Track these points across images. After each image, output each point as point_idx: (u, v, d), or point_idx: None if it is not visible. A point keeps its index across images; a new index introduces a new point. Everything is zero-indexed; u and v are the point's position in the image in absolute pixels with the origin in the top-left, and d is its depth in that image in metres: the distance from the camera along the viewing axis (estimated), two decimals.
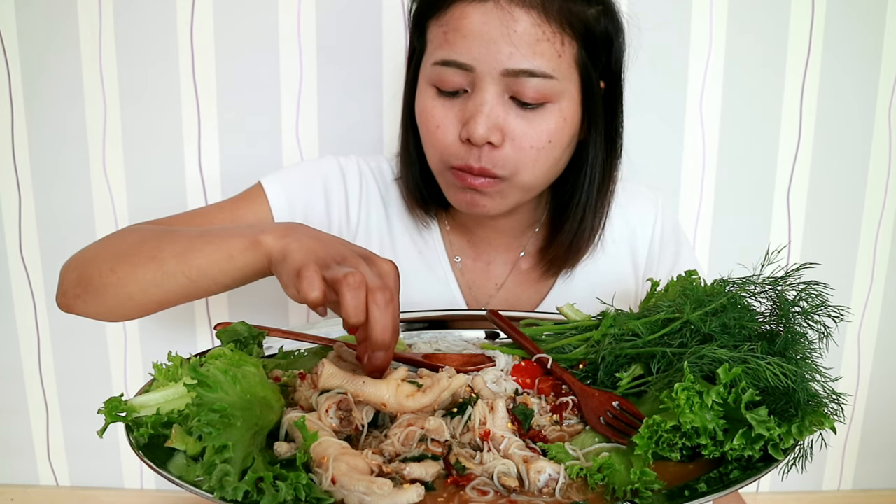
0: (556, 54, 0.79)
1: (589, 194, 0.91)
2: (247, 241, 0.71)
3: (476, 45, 0.78)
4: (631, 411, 0.66)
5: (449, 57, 0.80)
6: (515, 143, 0.82)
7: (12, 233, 1.42)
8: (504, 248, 1.01)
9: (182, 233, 0.78)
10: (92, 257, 0.82)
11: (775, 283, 0.71)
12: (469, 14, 0.78)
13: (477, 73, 0.79)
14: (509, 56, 0.78)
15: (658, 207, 1.04)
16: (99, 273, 0.78)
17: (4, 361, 1.49)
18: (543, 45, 0.78)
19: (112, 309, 0.80)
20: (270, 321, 0.92)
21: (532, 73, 0.79)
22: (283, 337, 0.82)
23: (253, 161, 1.37)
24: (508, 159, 0.82)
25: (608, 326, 0.76)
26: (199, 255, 0.74)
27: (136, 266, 0.77)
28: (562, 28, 0.79)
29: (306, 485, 0.51)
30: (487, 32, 0.78)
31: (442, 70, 0.81)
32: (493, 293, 1.01)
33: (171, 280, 0.76)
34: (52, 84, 1.34)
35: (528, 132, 0.81)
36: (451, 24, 0.80)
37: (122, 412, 0.61)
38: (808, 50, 1.34)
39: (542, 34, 0.78)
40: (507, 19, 0.77)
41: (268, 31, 1.31)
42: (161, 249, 0.77)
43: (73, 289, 0.81)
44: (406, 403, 0.62)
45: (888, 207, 1.42)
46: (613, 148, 0.92)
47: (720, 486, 0.55)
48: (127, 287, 0.77)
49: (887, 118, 1.38)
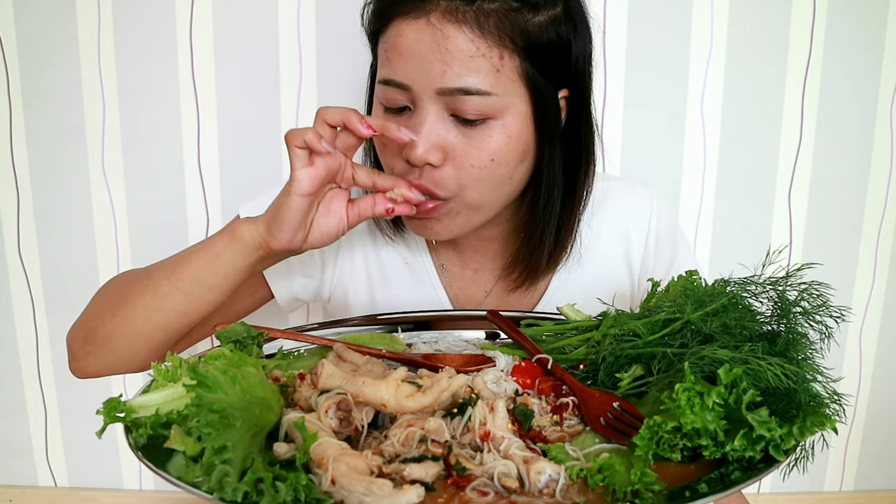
0: (494, 69, 0.75)
1: (549, 208, 0.86)
2: (226, 235, 0.78)
3: (410, 64, 0.76)
4: (631, 412, 0.66)
5: (388, 76, 0.78)
6: (456, 161, 0.78)
7: (11, 233, 1.42)
8: (491, 255, 0.99)
9: (167, 259, 0.83)
10: (91, 314, 0.85)
11: (776, 283, 0.71)
12: (404, 32, 0.76)
13: (414, 92, 0.77)
14: (442, 74, 0.75)
15: (653, 205, 1.00)
16: (102, 322, 0.82)
17: (3, 362, 1.49)
18: (478, 62, 0.74)
19: (124, 354, 0.82)
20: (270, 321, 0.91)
21: (467, 90, 0.75)
22: (282, 337, 0.82)
23: (252, 161, 1.37)
24: (449, 179, 0.79)
25: (608, 327, 0.75)
26: (187, 266, 0.78)
27: (132, 301, 0.80)
28: (500, 42, 0.74)
29: (306, 485, 0.51)
30: (420, 51, 0.75)
31: (384, 89, 0.79)
32: (481, 301, 1.00)
33: (168, 300, 0.79)
34: (50, 84, 1.34)
35: (468, 151, 0.78)
36: (389, 42, 0.78)
37: (121, 413, 0.61)
38: (809, 50, 1.34)
39: (477, 50, 0.74)
40: (438, 37, 0.74)
41: (267, 31, 1.31)
42: (151, 278, 0.81)
43: (82, 349, 0.84)
44: (406, 404, 0.62)
45: (889, 207, 1.42)
46: (578, 158, 0.86)
47: (721, 486, 0.54)
48: (131, 324, 0.80)
49: (888, 118, 1.38)
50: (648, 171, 1.38)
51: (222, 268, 0.78)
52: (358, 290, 1.00)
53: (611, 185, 1.02)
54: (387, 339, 0.86)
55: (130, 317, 0.80)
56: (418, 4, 0.75)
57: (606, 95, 1.35)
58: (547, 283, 0.99)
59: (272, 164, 1.36)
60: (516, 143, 0.79)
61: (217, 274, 0.78)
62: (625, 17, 1.32)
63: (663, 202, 1.02)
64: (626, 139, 1.38)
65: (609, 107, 1.36)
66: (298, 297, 1.02)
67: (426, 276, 1.00)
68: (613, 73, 1.34)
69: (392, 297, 0.99)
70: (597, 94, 1.34)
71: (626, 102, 1.36)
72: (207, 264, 0.78)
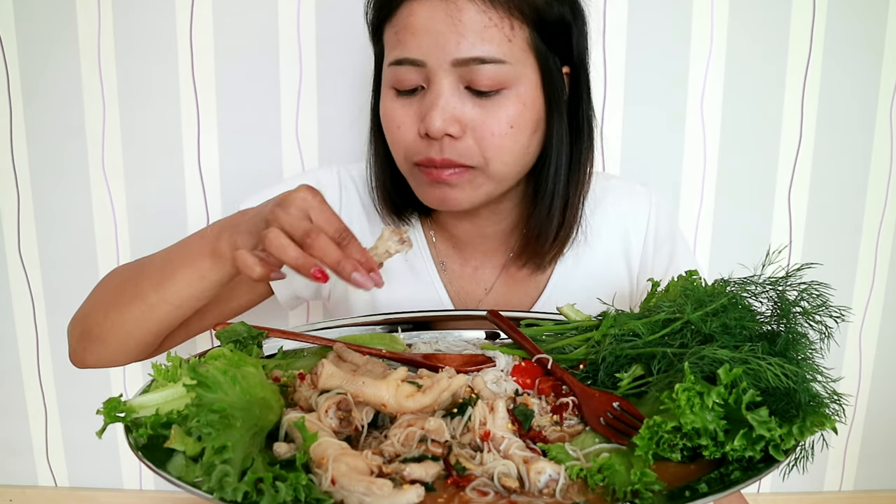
0: (506, 38, 0.79)
1: (556, 182, 0.89)
2: (209, 258, 0.75)
3: (425, 39, 0.79)
4: (631, 412, 0.66)
5: (401, 55, 0.81)
6: (476, 132, 0.81)
7: (11, 233, 1.42)
8: (491, 252, 1.00)
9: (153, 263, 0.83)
10: (87, 311, 0.87)
11: (776, 283, 0.71)
12: (416, 11, 0.79)
13: (429, 68, 0.80)
14: (457, 45, 0.78)
15: (651, 204, 1.02)
16: (95, 322, 0.84)
17: (3, 362, 1.49)
18: (491, 31, 0.78)
19: (118, 351, 0.85)
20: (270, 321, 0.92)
21: (482, 59, 0.78)
22: (282, 337, 0.82)
23: (252, 161, 1.37)
24: (472, 150, 0.82)
25: (608, 327, 0.76)
26: (174, 283, 0.78)
27: (122, 307, 0.82)
28: (510, 13, 0.78)
29: (306, 485, 0.51)
30: (434, 26, 0.78)
31: (397, 70, 0.82)
32: (482, 297, 1.00)
33: (158, 311, 0.80)
34: (50, 84, 1.34)
35: (487, 120, 0.81)
36: (400, 23, 0.80)
37: (121, 413, 0.61)
38: (809, 49, 1.34)
39: (489, 20, 0.78)
40: (451, 10, 0.77)
41: (267, 31, 1.31)
42: (138, 286, 0.81)
43: (79, 344, 0.87)
44: (406, 404, 0.62)
45: (889, 207, 1.42)
46: (581, 134, 0.90)
47: (721, 486, 0.54)
48: (122, 328, 0.82)
49: (888, 117, 1.38)
50: (648, 172, 1.38)
51: (209, 286, 0.77)
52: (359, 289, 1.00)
53: (610, 184, 1.03)
54: (387, 339, 0.86)
55: (121, 322, 0.82)
56: None
57: (606, 95, 1.35)
58: (547, 279, 0.99)
59: (272, 163, 1.36)
60: (531, 111, 0.83)
61: (205, 290, 0.78)
62: (625, 17, 1.32)
63: (662, 202, 1.03)
64: (626, 139, 1.37)
65: (609, 107, 1.36)
66: (299, 296, 1.03)
67: (426, 274, 1.00)
68: (613, 73, 1.34)
69: (392, 295, 1.00)
70: (597, 94, 1.35)
71: (626, 102, 1.36)
72: (192, 283, 0.77)
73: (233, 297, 0.97)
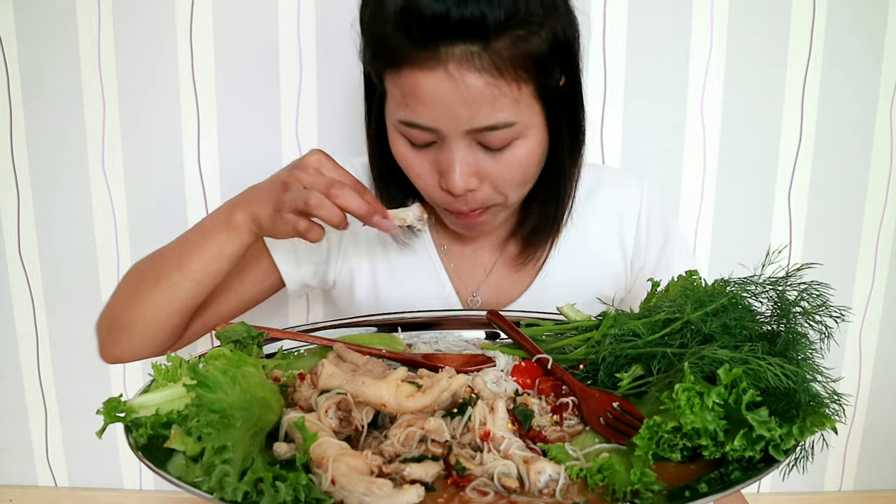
0: (515, 101, 0.77)
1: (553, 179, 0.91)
2: (224, 231, 0.84)
3: (434, 110, 0.77)
4: (631, 412, 0.66)
5: (412, 120, 0.79)
6: (493, 181, 0.83)
7: (11, 233, 1.42)
8: (490, 233, 1.02)
9: (170, 248, 0.90)
10: (112, 304, 0.93)
11: (776, 283, 0.71)
12: (421, 83, 0.75)
13: (441, 132, 0.79)
14: (469, 119, 0.77)
15: (644, 191, 1.04)
16: (122, 313, 0.90)
17: (3, 362, 1.49)
18: (501, 101, 0.76)
19: (145, 339, 0.90)
20: (270, 321, 0.92)
21: (495, 126, 0.78)
22: (282, 337, 0.82)
23: (252, 161, 1.37)
24: (492, 195, 0.85)
25: (608, 327, 0.76)
26: (195, 260, 0.86)
27: (146, 293, 0.88)
28: (516, 76, 0.76)
29: (306, 485, 0.51)
30: (443, 98, 0.76)
31: (408, 130, 0.81)
32: (482, 279, 1.03)
33: (181, 288, 0.87)
34: (50, 84, 1.34)
35: (501, 171, 0.82)
36: (405, 88, 0.77)
37: (121, 413, 0.61)
38: (809, 50, 1.34)
39: (499, 90, 0.76)
40: (460, 87, 0.74)
41: (267, 31, 1.31)
42: (160, 270, 0.88)
43: (108, 338, 0.92)
44: (406, 404, 0.62)
45: (889, 207, 1.42)
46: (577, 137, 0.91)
47: (721, 486, 0.54)
48: (148, 313, 0.88)
49: (888, 118, 1.38)
50: (648, 172, 1.38)
51: (227, 258, 0.86)
52: (362, 272, 1.04)
53: (604, 173, 1.07)
54: (387, 339, 0.86)
55: (146, 307, 0.87)
56: (432, 54, 0.74)
57: (606, 96, 1.35)
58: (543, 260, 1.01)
59: (272, 163, 1.36)
60: (540, 147, 0.84)
61: (223, 263, 0.86)
62: (625, 18, 1.32)
63: (654, 190, 1.06)
64: (626, 140, 1.38)
65: (609, 107, 1.36)
66: (307, 283, 1.06)
67: (427, 257, 1.02)
68: (613, 74, 1.34)
69: (394, 278, 1.03)
70: (597, 94, 1.35)
71: (626, 102, 1.36)
72: (213, 259, 0.85)
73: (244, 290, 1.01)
